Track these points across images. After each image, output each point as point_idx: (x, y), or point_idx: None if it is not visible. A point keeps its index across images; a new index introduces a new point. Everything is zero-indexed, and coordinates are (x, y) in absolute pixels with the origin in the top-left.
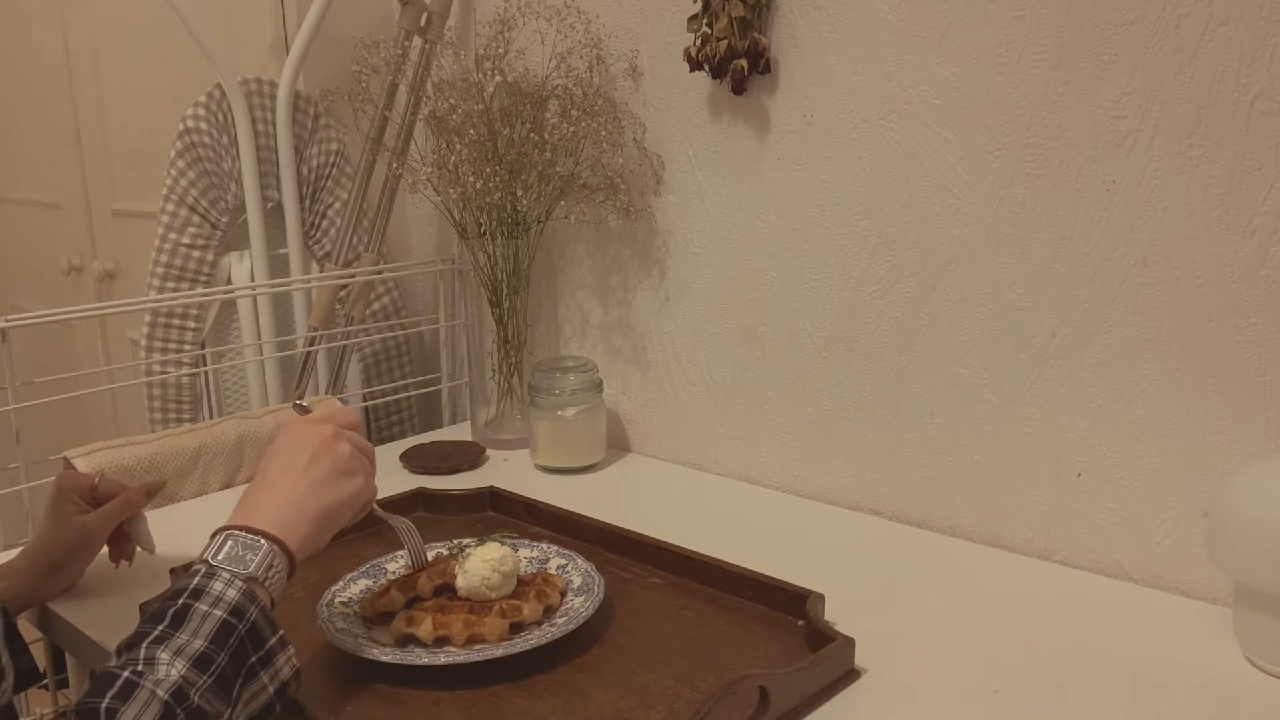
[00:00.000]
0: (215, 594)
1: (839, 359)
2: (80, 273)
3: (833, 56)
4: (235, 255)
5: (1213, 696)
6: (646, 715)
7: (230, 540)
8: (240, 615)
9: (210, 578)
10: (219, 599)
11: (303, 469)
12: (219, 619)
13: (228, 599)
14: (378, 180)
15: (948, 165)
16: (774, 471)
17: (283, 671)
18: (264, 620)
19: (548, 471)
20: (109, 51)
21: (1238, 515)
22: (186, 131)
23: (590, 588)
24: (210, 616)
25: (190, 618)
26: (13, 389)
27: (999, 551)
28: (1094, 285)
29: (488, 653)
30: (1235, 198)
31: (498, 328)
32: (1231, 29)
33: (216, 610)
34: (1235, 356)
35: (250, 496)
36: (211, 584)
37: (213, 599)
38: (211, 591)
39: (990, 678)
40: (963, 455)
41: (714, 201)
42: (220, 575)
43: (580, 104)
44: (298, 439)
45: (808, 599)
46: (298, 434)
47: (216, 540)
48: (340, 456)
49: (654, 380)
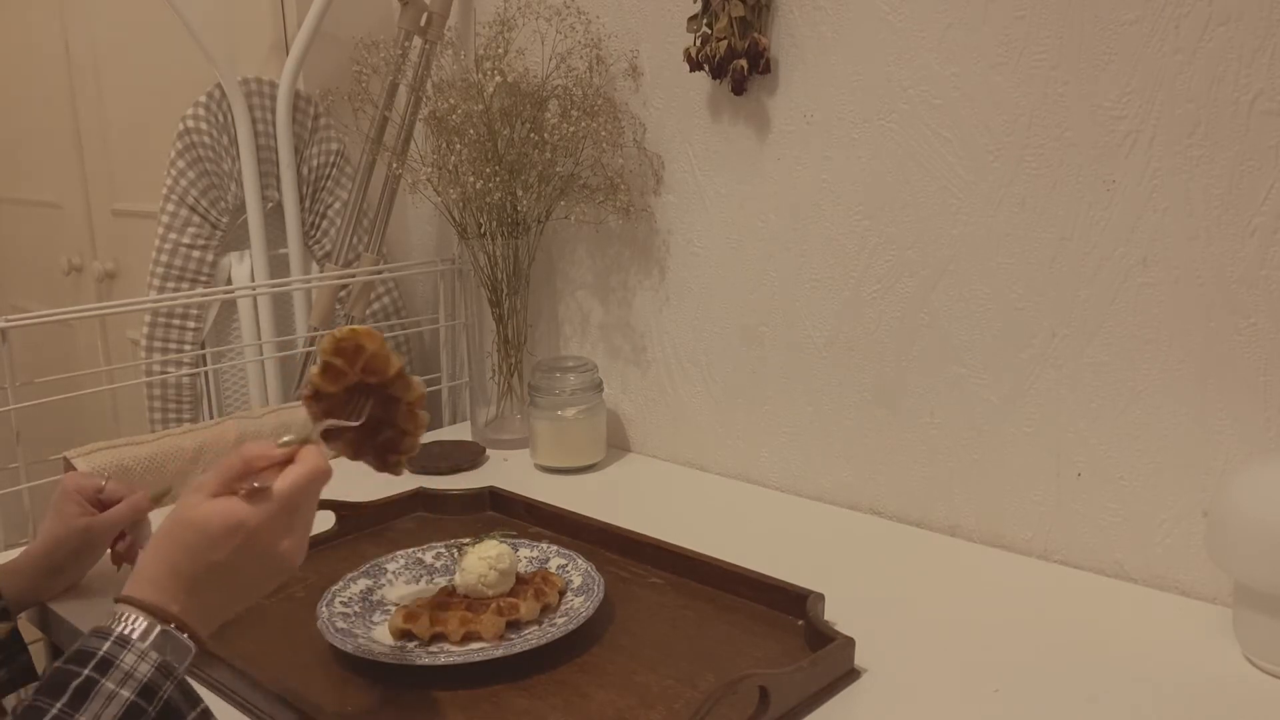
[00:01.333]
0: (125, 669)
1: (839, 359)
2: (80, 273)
3: (833, 56)
4: (235, 255)
5: (1213, 696)
6: (646, 715)
7: (148, 624)
8: (151, 695)
9: (122, 646)
10: (129, 675)
11: (240, 571)
12: (125, 701)
13: (139, 675)
14: (378, 180)
15: (948, 165)
16: (774, 471)
17: (136, 670)
18: (180, 695)
19: (548, 471)
20: (109, 51)
21: (1238, 515)
22: (186, 131)
23: (590, 588)
24: (116, 698)
25: (93, 697)
26: (13, 389)
27: (999, 551)
28: (1094, 285)
29: (488, 653)
30: (1235, 198)
31: (498, 328)
32: (1231, 29)
33: (124, 690)
34: (1235, 356)
35: (170, 570)
36: (122, 656)
37: (121, 675)
38: (121, 665)
39: (990, 678)
40: (963, 455)
41: (714, 201)
42: (133, 647)
43: (580, 104)
44: (238, 541)
45: (808, 599)
46: (239, 536)
47: (129, 621)
48: (285, 564)
49: (654, 380)
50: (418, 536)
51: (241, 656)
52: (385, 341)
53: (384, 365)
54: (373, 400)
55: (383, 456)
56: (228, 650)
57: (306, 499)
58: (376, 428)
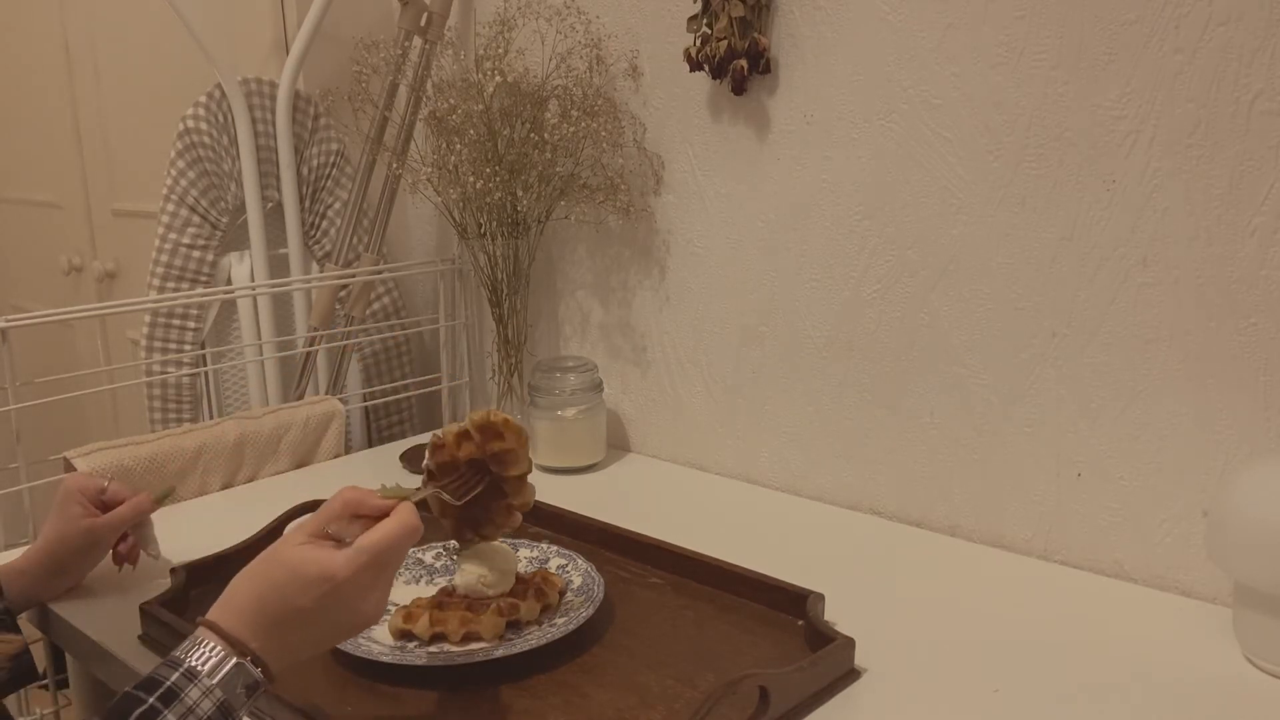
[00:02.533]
0: (189, 704)
1: (839, 359)
2: (80, 273)
3: (833, 56)
4: (235, 255)
5: (1213, 696)
6: (646, 715)
7: (222, 657)
8: None
9: (190, 680)
10: (190, 710)
11: (322, 619)
12: None
13: (200, 711)
14: (378, 180)
15: (948, 165)
16: (774, 471)
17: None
18: None
19: (548, 471)
20: (109, 51)
21: (1238, 515)
22: (186, 131)
23: (590, 588)
24: None
25: None
26: (13, 389)
27: (999, 551)
28: (1094, 285)
29: (488, 653)
30: (1235, 198)
31: (498, 328)
32: (1231, 29)
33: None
34: (1235, 357)
35: (257, 604)
36: (188, 690)
37: (184, 709)
38: (185, 700)
39: (990, 678)
40: (963, 455)
41: (714, 201)
42: (200, 682)
43: (580, 104)
44: (340, 597)
45: (808, 599)
46: (343, 591)
47: (205, 648)
48: (366, 618)
49: (654, 380)
50: None
51: None
52: (527, 443)
53: (512, 462)
54: (485, 486)
55: (460, 530)
56: None
57: (395, 556)
58: (471, 506)
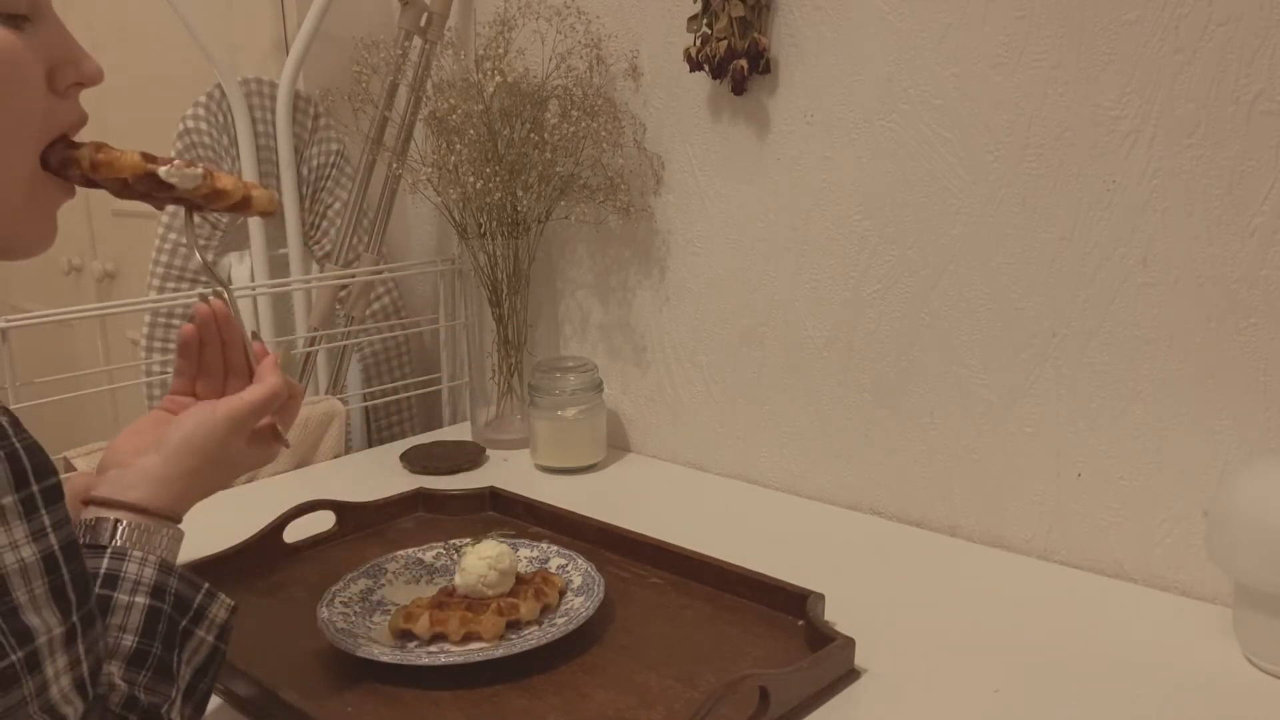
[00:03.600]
0: (131, 578)
1: (839, 359)
2: (80, 273)
3: (833, 56)
4: (235, 255)
5: (1213, 696)
6: (646, 715)
7: (124, 526)
8: (161, 594)
9: (121, 559)
10: (137, 583)
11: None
12: (143, 606)
13: (145, 580)
14: (378, 180)
15: (948, 165)
16: (774, 471)
17: (218, 617)
18: (184, 585)
19: (548, 471)
20: (109, 51)
21: (1238, 515)
22: (186, 131)
23: (590, 588)
24: (134, 606)
25: (112, 611)
26: (13, 389)
27: (999, 551)
28: (1094, 285)
29: (488, 653)
30: (1235, 198)
31: (498, 328)
32: (1231, 29)
33: (138, 597)
34: (1235, 356)
35: (135, 470)
36: (125, 567)
37: (131, 584)
38: (127, 576)
39: (990, 678)
40: (963, 455)
41: (714, 201)
42: (131, 556)
43: (580, 104)
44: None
45: (808, 599)
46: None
47: (106, 525)
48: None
49: (654, 380)
50: (418, 536)
51: (242, 656)
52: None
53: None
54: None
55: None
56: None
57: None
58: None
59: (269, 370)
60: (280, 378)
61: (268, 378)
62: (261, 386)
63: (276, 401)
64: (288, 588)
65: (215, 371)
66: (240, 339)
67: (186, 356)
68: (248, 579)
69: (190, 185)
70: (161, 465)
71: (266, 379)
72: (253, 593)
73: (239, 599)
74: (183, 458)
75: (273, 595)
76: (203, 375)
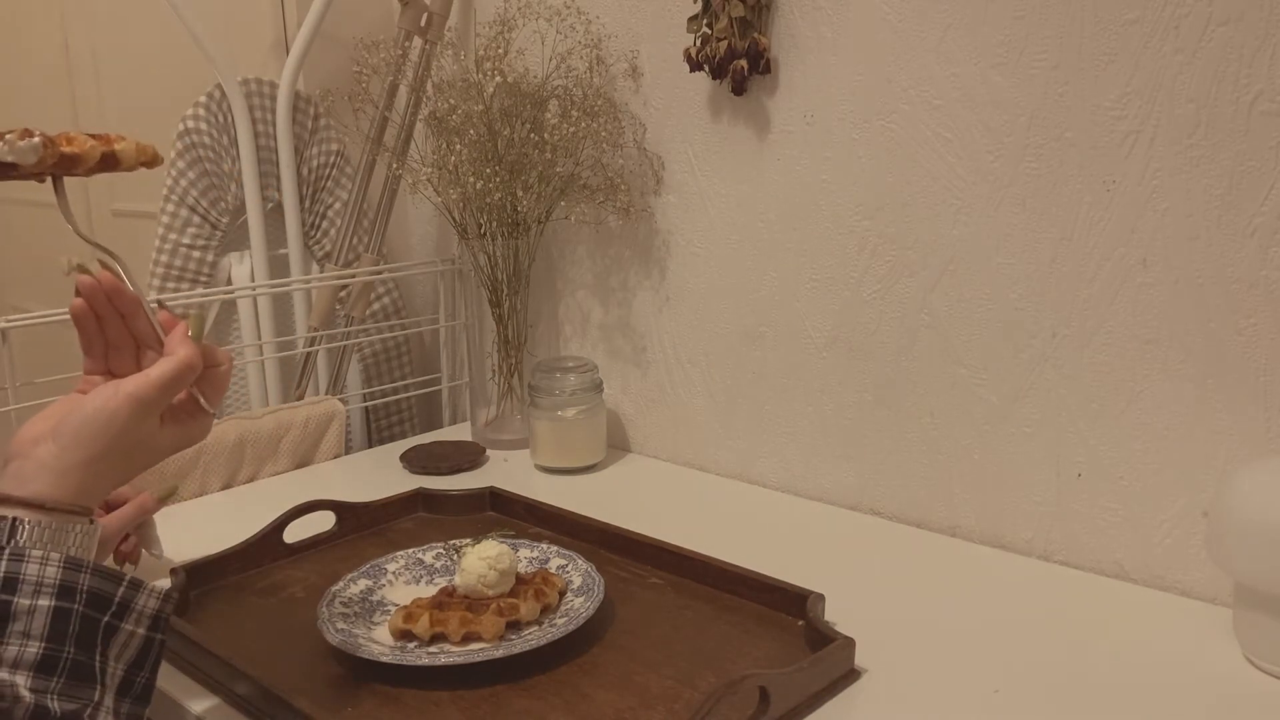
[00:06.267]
0: (32, 580)
1: (839, 359)
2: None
3: (833, 56)
4: (235, 255)
5: (1213, 696)
6: (646, 715)
7: (25, 525)
8: (70, 594)
9: (19, 561)
10: (39, 585)
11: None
12: (47, 609)
13: (49, 581)
14: (378, 180)
15: (948, 165)
16: (774, 472)
17: (146, 608)
18: (100, 580)
19: (548, 472)
20: (109, 51)
21: (1238, 515)
22: (186, 132)
23: (590, 588)
24: (37, 610)
25: (13, 618)
26: (13, 389)
27: (999, 551)
28: (1094, 285)
29: (488, 653)
30: (1235, 198)
31: (498, 328)
32: (1231, 29)
33: (41, 600)
34: (1235, 356)
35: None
36: (24, 569)
37: (32, 587)
38: (27, 579)
39: (990, 678)
40: (963, 455)
41: (714, 202)
42: (30, 556)
43: (580, 104)
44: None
45: (808, 599)
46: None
47: (4, 524)
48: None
49: (654, 380)
50: (418, 536)
51: (242, 656)
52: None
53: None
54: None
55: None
56: (228, 650)
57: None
58: None
59: (178, 341)
60: (192, 349)
61: (178, 349)
62: (169, 361)
63: (189, 374)
64: (288, 588)
65: (124, 346)
66: (140, 310)
67: (84, 332)
68: (248, 579)
69: (32, 159)
70: (58, 455)
71: (177, 351)
72: (253, 593)
73: (239, 599)
74: (82, 444)
75: (273, 595)
76: (113, 351)
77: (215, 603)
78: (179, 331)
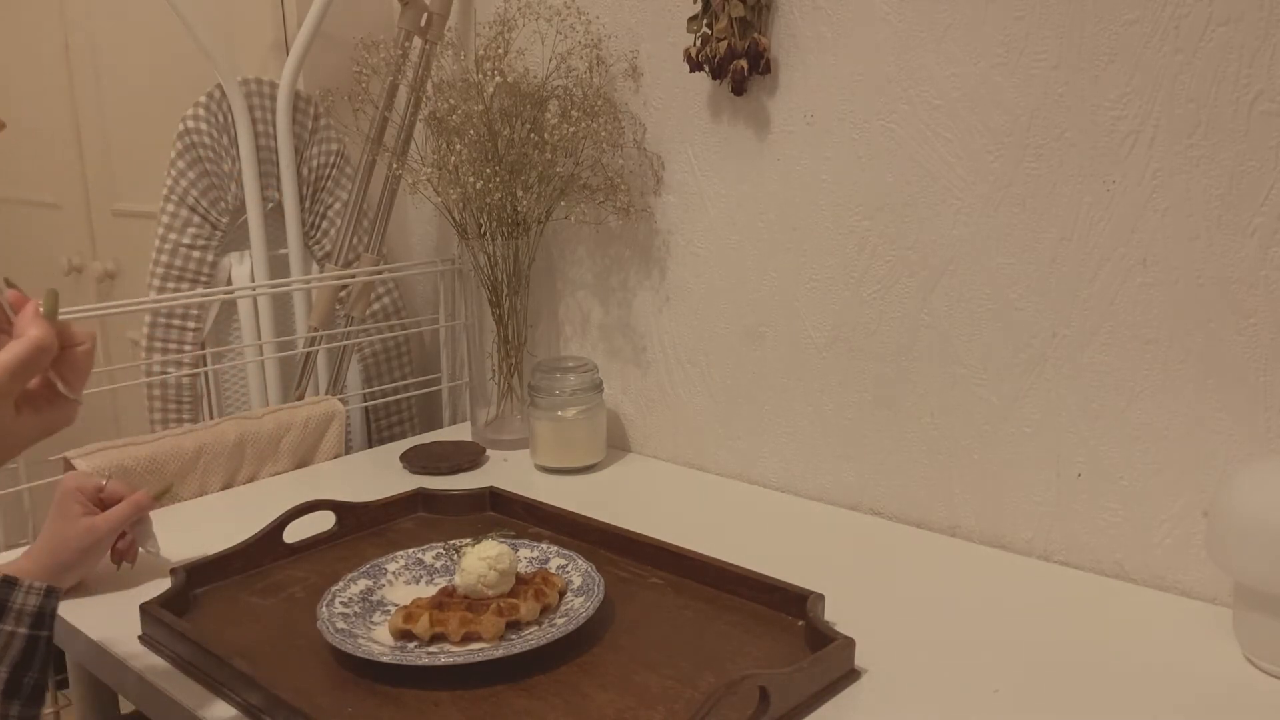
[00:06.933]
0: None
1: (839, 359)
2: (80, 273)
3: (833, 56)
4: (235, 255)
5: (1213, 696)
6: (646, 715)
7: None
8: None
9: None
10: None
11: None
12: None
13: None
14: (378, 180)
15: (948, 165)
16: (774, 471)
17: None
18: None
19: (548, 472)
20: (109, 51)
21: (1238, 515)
22: (186, 132)
23: (590, 588)
24: None
25: None
26: None
27: (999, 551)
28: (1094, 285)
29: (488, 653)
30: (1235, 198)
31: (498, 328)
32: (1231, 29)
33: None
34: (1235, 357)
35: None
36: None
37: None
38: None
39: (990, 678)
40: (963, 455)
41: (714, 202)
42: None
43: (580, 104)
44: None
45: (808, 599)
46: None
47: None
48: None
49: (654, 380)
50: (418, 536)
51: (242, 656)
52: None
53: None
54: None
55: None
56: (228, 650)
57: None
58: None
59: (29, 321)
60: (45, 329)
61: (29, 330)
62: (18, 343)
63: (43, 357)
64: (288, 588)
65: None
66: None
67: None
68: (248, 579)
69: None
70: None
71: (28, 331)
72: (253, 593)
73: (239, 599)
74: None
75: (273, 595)
76: None
77: (215, 603)
78: (29, 310)
